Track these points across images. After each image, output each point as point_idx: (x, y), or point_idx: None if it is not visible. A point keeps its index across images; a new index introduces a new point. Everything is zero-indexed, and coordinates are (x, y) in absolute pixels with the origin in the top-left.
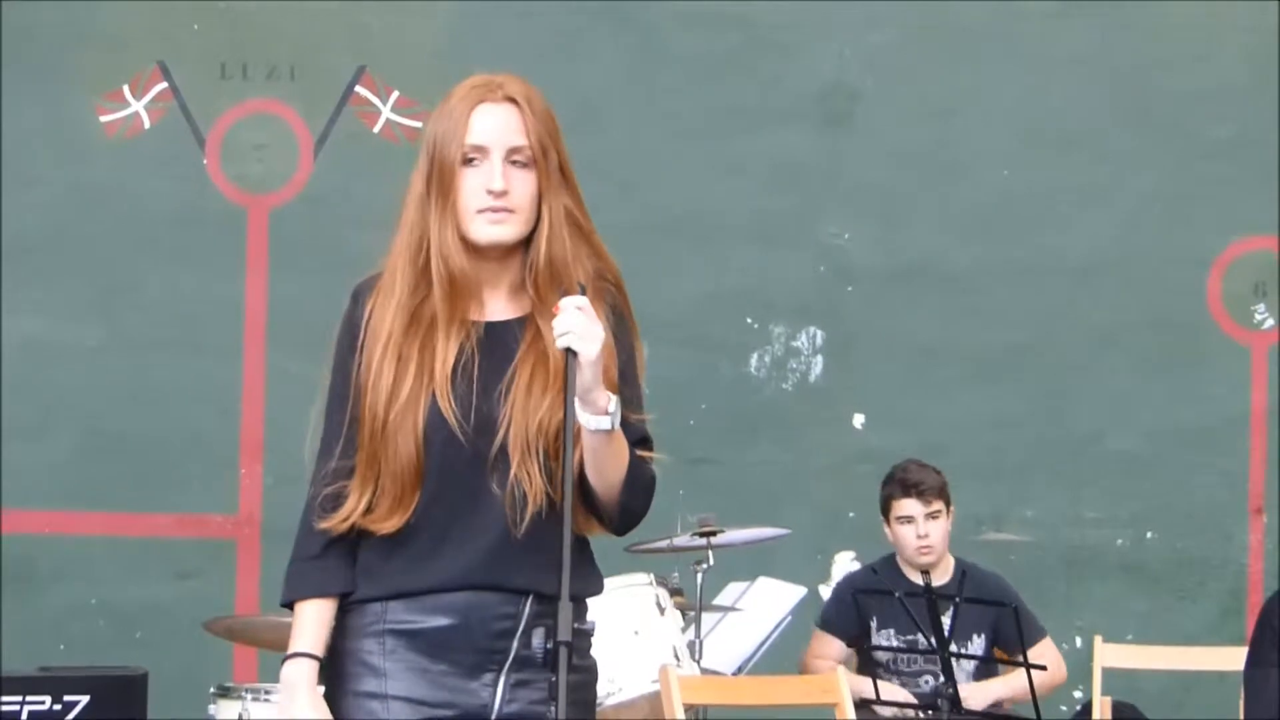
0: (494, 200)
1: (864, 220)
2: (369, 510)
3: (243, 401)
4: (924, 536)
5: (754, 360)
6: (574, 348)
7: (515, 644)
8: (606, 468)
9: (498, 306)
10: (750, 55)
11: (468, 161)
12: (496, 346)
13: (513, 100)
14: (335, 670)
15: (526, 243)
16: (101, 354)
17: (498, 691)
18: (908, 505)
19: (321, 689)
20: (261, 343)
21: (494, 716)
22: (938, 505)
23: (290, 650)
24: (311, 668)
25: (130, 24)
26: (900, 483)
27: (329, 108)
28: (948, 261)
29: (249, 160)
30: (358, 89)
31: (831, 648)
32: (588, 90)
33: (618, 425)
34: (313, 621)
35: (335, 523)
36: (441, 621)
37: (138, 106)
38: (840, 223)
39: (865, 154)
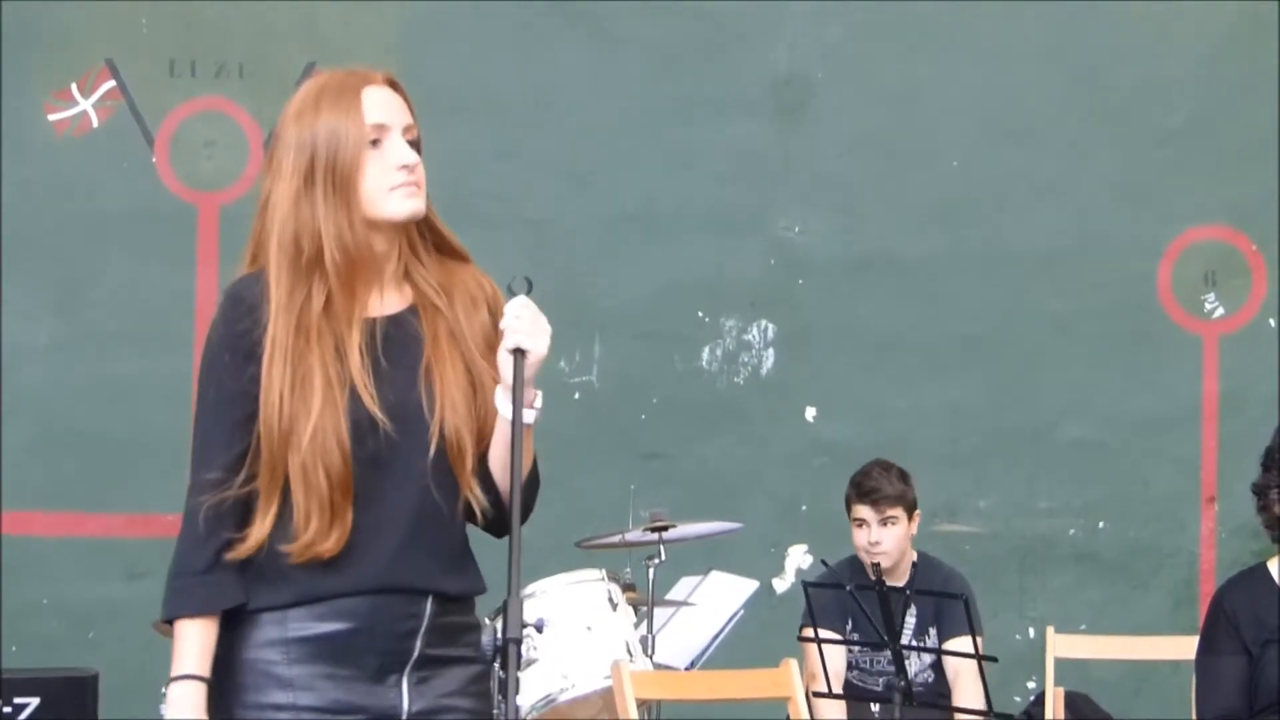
0: (409, 175)
1: (817, 212)
2: (282, 534)
3: (194, 399)
4: (875, 544)
5: (705, 354)
6: (523, 346)
7: (419, 644)
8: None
9: (387, 299)
10: (702, 47)
11: (370, 144)
12: (400, 340)
13: (391, 83)
14: (230, 682)
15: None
16: (53, 352)
17: (403, 691)
18: (862, 510)
19: None
20: None
21: (405, 716)
22: (894, 512)
23: (176, 672)
24: (200, 690)
25: (78, 21)
26: (857, 486)
27: (278, 105)
28: (901, 253)
29: (199, 158)
30: None
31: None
32: (540, 83)
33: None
34: (198, 641)
35: (246, 550)
36: (344, 625)
37: (86, 105)
38: (793, 215)
39: (818, 146)
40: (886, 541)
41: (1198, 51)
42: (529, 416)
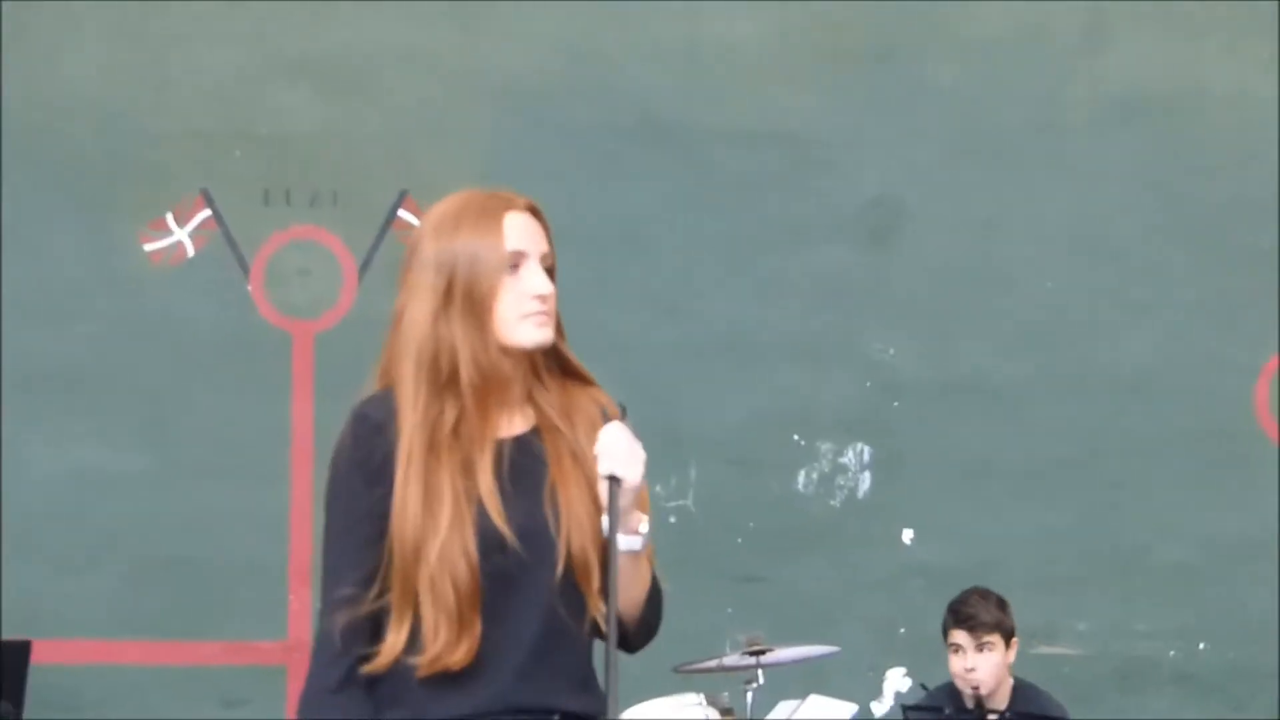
0: (541, 305)
1: (909, 335)
2: (414, 647)
3: (291, 526)
4: (971, 670)
5: (801, 477)
6: (617, 474)
7: None
8: (633, 586)
9: (513, 420)
10: (791, 173)
11: (509, 269)
12: (525, 460)
13: (533, 210)
14: None
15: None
16: (149, 481)
17: None
18: (958, 635)
19: None
20: (309, 467)
21: None
22: (990, 639)
23: None
24: None
25: (173, 152)
26: (955, 612)
27: (372, 233)
28: (994, 375)
29: (293, 286)
30: (400, 213)
31: None
32: (630, 211)
33: (646, 545)
34: None
35: (381, 664)
36: None
37: (181, 235)
38: (886, 338)
39: (909, 269)
40: (982, 668)
41: None
42: (636, 542)
